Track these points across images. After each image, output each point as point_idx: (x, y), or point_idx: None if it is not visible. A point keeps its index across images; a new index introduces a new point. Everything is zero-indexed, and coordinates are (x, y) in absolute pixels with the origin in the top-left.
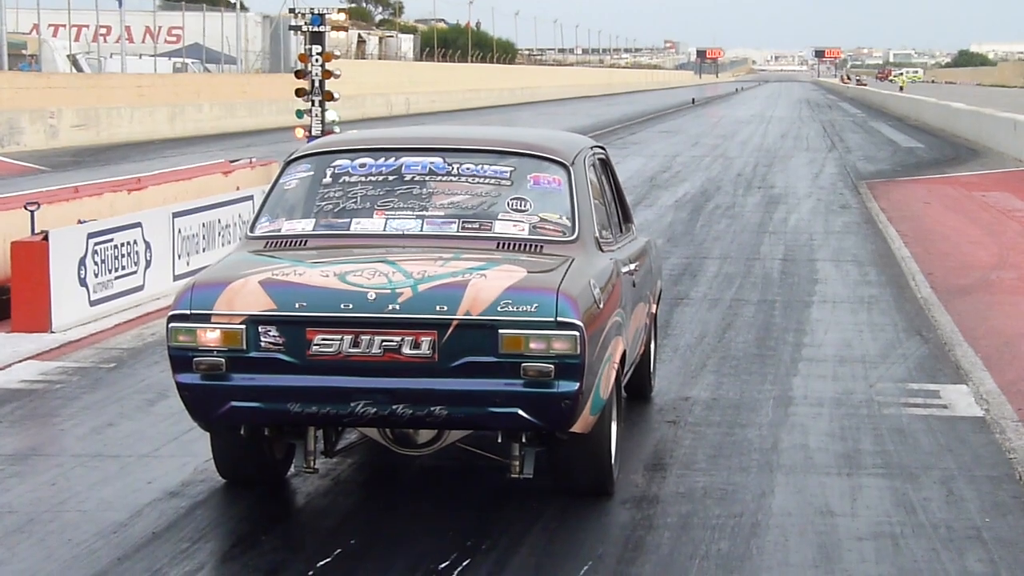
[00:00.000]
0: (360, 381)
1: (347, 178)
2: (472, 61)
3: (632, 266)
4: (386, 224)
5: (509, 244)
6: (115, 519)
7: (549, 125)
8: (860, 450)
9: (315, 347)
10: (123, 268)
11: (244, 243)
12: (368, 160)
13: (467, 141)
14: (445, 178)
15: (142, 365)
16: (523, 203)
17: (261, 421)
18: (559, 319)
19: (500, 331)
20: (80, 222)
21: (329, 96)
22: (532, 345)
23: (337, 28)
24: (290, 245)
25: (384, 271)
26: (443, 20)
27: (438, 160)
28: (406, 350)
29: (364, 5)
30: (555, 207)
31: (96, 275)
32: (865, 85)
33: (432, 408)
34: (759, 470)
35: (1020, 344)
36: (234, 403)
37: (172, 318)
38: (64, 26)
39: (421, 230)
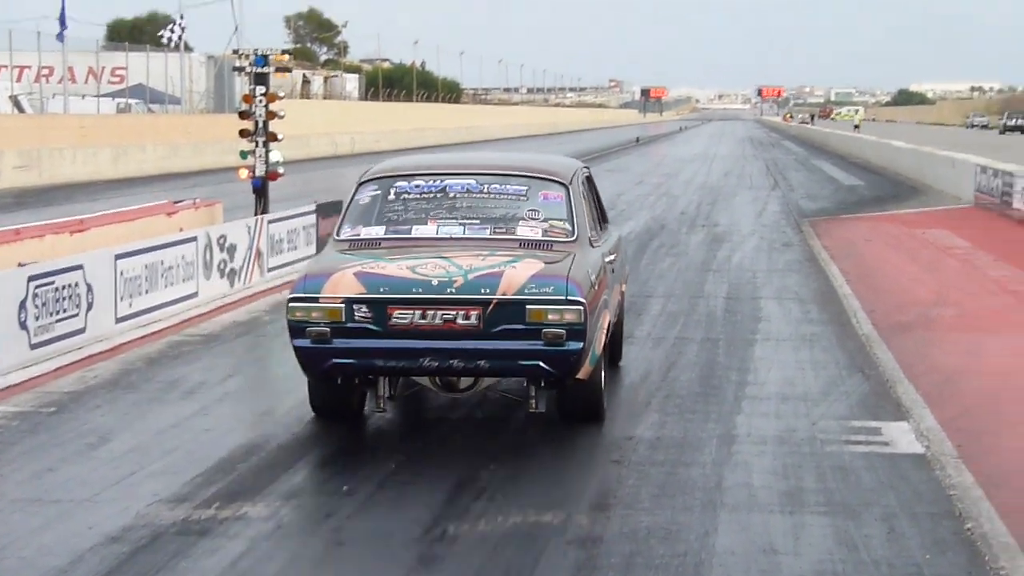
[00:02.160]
0: (426, 343)
1: (406, 195)
2: (417, 101)
3: (611, 256)
4: (437, 229)
5: (528, 244)
6: (55, 564)
7: None
8: (803, 488)
9: (394, 319)
10: (64, 311)
11: (332, 244)
12: (420, 182)
13: (493, 167)
14: (478, 195)
15: (83, 409)
16: (536, 213)
17: (354, 373)
18: (569, 298)
19: (527, 307)
20: (20, 265)
21: (273, 137)
22: (550, 316)
23: (281, 70)
24: (367, 246)
25: (442, 264)
26: (388, 60)
27: (472, 181)
28: (460, 320)
29: (309, 45)
30: (559, 216)
31: (37, 318)
32: (808, 124)
33: (479, 362)
34: (703, 509)
35: (960, 380)
36: (335, 360)
37: (291, 300)
38: (5, 67)
39: (463, 234)
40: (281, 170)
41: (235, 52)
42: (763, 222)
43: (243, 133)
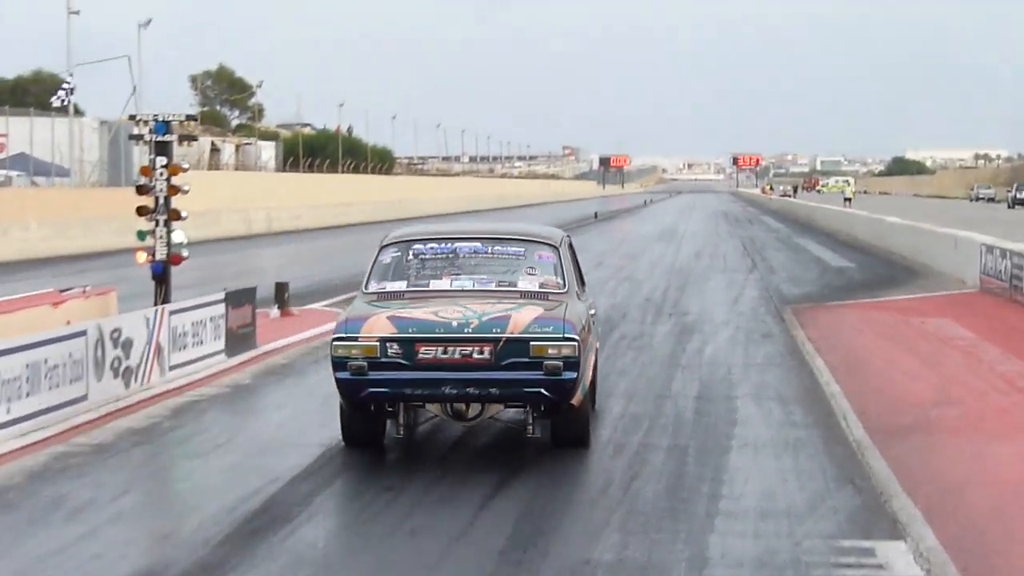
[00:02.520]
0: (448, 374)
1: (423, 256)
2: (344, 171)
3: (592, 311)
4: (451, 283)
5: (528, 294)
6: None
7: None
8: None
9: (421, 354)
10: None
11: (362, 296)
12: (434, 245)
13: (495, 232)
14: (484, 255)
15: None
16: (533, 270)
17: (387, 400)
18: (565, 335)
19: (531, 343)
20: None
21: (176, 215)
22: (550, 351)
23: (186, 138)
24: (393, 297)
25: (459, 309)
26: (309, 125)
27: (478, 244)
28: (475, 355)
29: (218, 108)
30: (552, 272)
31: None
32: (790, 196)
33: (491, 389)
34: None
35: (965, 493)
36: (371, 389)
37: (335, 339)
38: None
39: (473, 287)
40: (185, 253)
41: (132, 117)
42: (739, 310)
43: (141, 210)
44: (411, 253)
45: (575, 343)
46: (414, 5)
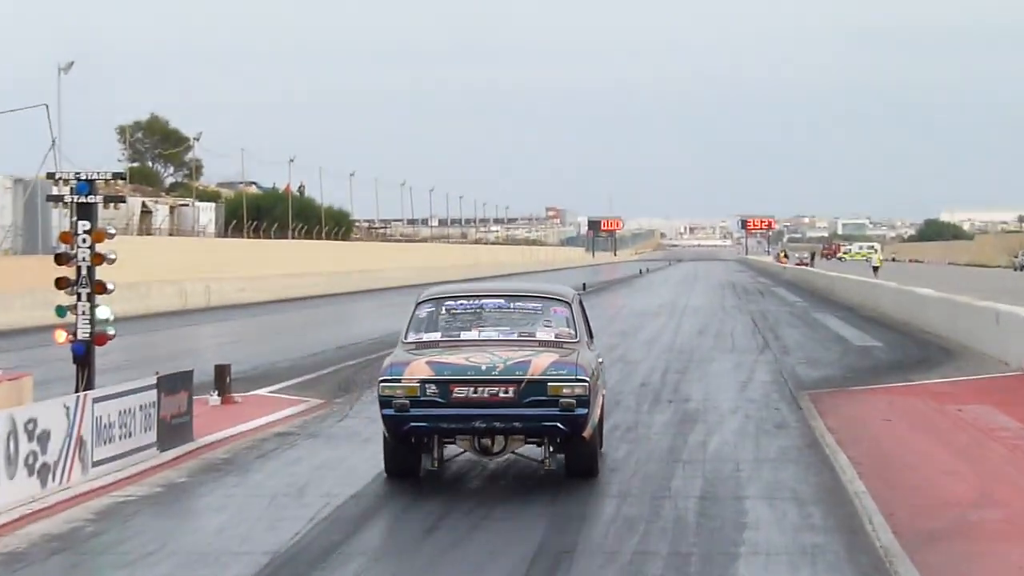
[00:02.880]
0: (477, 411)
1: (454, 311)
2: (294, 236)
3: (600, 359)
4: (479, 334)
5: (545, 343)
6: None
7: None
8: None
9: (455, 394)
10: None
11: (402, 345)
12: (464, 302)
13: (516, 291)
14: (507, 310)
15: None
16: (549, 322)
17: (425, 433)
18: (578, 377)
19: (548, 384)
20: None
21: (101, 288)
22: (564, 391)
23: (112, 200)
24: (429, 346)
25: (487, 355)
26: (255, 183)
27: (502, 301)
28: (501, 394)
29: (150, 164)
30: (565, 325)
31: None
32: (807, 265)
33: (514, 423)
34: None
35: None
36: (412, 424)
37: (381, 381)
38: None
39: (498, 336)
40: (111, 331)
41: (51, 175)
42: (749, 396)
43: (61, 283)
44: (444, 308)
45: (586, 383)
46: (374, 52)
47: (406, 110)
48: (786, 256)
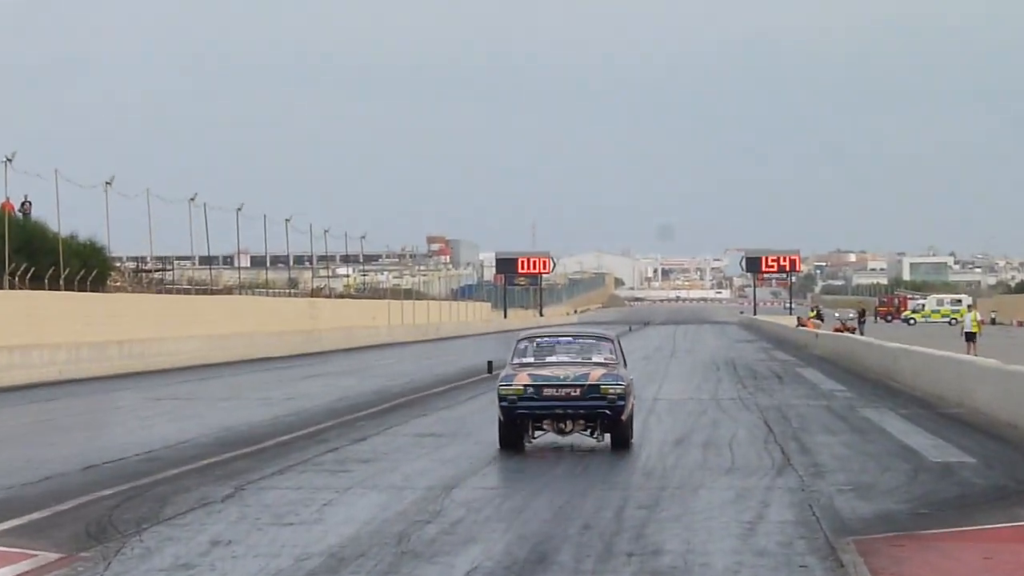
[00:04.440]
0: (558, 403)
1: (541, 343)
2: (12, 281)
3: (631, 378)
4: (557, 358)
5: (599, 364)
6: None
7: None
8: None
9: (544, 393)
10: None
11: (509, 366)
12: (547, 339)
13: (580, 332)
14: (574, 343)
15: None
16: (600, 351)
17: (527, 417)
18: (618, 383)
19: (600, 387)
20: None
21: None
22: (611, 391)
23: None
24: (527, 366)
25: (563, 370)
26: None
27: (571, 338)
28: (571, 393)
29: None
30: (611, 352)
31: None
32: (853, 331)
33: (579, 410)
34: None
35: None
36: (519, 411)
37: (501, 384)
38: None
39: (569, 360)
40: None
41: None
42: (758, 546)
43: None
44: (535, 342)
45: (623, 385)
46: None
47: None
48: (819, 316)
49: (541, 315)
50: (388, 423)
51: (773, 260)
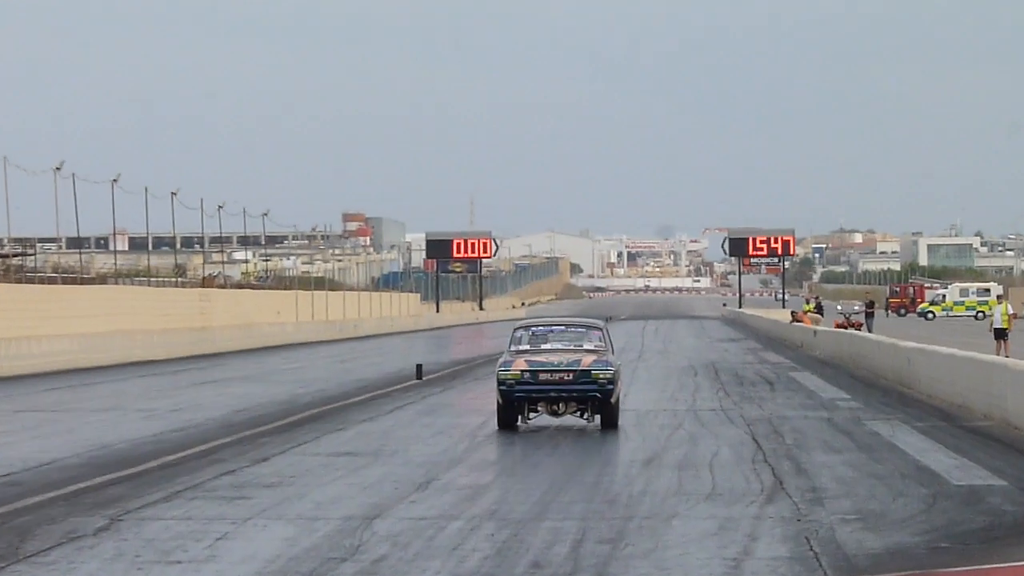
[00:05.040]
0: (552, 387)
1: (536, 332)
2: None
3: (619, 363)
4: (551, 345)
5: (589, 351)
6: None
7: None
8: None
9: (540, 377)
10: None
11: (507, 352)
12: (542, 327)
13: (571, 321)
14: (566, 331)
15: None
16: (591, 339)
17: (523, 399)
18: (608, 367)
19: (591, 372)
20: None
21: None
22: (602, 376)
23: None
24: (524, 352)
25: (557, 356)
26: None
27: (563, 326)
28: (565, 378)
29: None
30: (599, 340)
31: None
32: (859, 326)
33: (572, 393)
34: None
35: None
36: (516, 394)
37: (500, 369)
38: None
39: (563, 347)
40: None
41: None
42: None
43: None
44: (531, 331)
45: (612, 371)
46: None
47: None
48: (818, 309)
49: (481, 308)
50: (296, 440)
51: (762, 241)
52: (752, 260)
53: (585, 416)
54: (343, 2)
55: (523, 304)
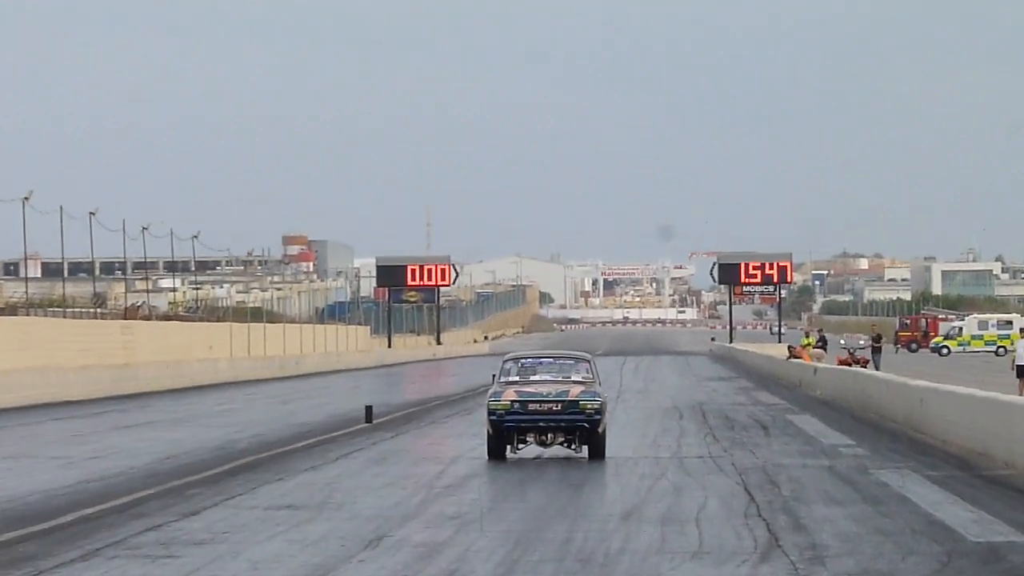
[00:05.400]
0: (541, 417)
1: (525, 364)
2: None
3: (606, 395)
4: (540, 376)
5: (577, 382)
6: None
7: None
8: None
9: (530, 408)
10: None
11: (497, 384)
12: (531, 359)
13: (559, 353)
14: (555, 363)
15: None
16: (580, 370)
17: (512, 430)
18: (595, 398)
19: (579, 402)
20: None
21: None
22: (589, 407)
23: None
24: (513, 383)
25: (548, 388)
26: None
27: (551, 359)
28: (553, 408)
29: None
30: (587, 372)
31: None
32: (865, 362)
33: (560, 423)
34: None
35: None
36: (506, 424)
37: (490, 400)
38: None
39: (551, 378)
40: None
41: None
42: None
43: None
44: (520, 363)
45: (600, 402)
46: None
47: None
48: (821, 343)
49: (439, 343)
50: (230, 491)
51: (756, 268)
52: (744, 288)
53: (573, 446)
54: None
55: (486, 338)
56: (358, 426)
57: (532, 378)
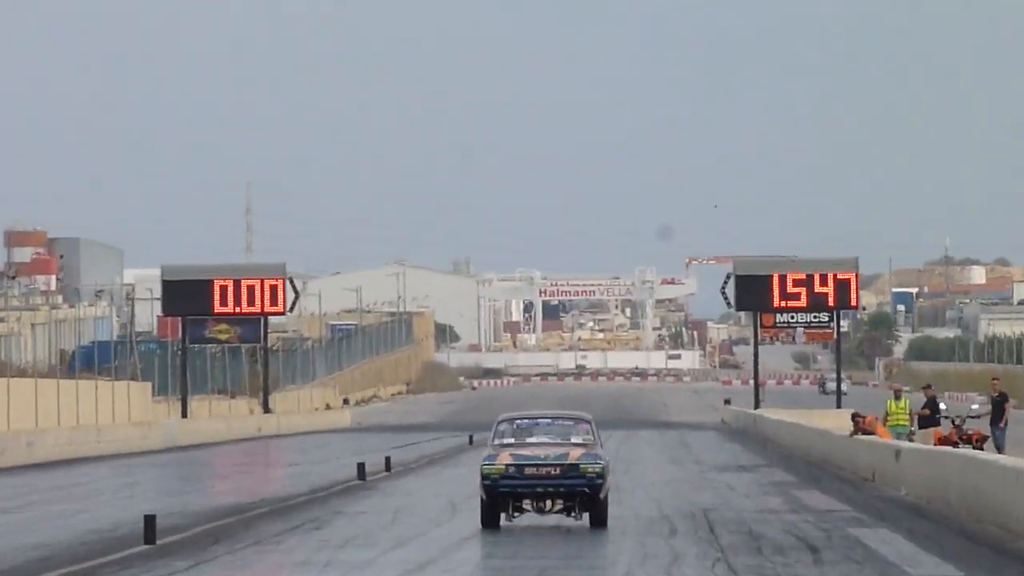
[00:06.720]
0: (539, 482)
1: (521, 425)
2: None
3: (608, 458)
4: (537, 438)
5: (577, 444)
6: None
7: None
8: None
9: (526, 472)
10: None
11: (490, 446)
12: (527, 420)
13: (558, 414)
14: (553, 425)
15: None
16: (579, 432)
17: (507, 496)
18: (598, 462)
19: (580, 466)
20: None
21: None
22: (591, 470)
23: None
24: (508, 446)
25: (543, 450)
26: None
27: (549, 420)
28: (552, 472)
29: None
30: (588, 434)
31: None
32: (981, 441)
33: (560, 488)
34: None
35: None
36: (501, 489)
37: (484, 464)
38: None
39: (549, 440)
40: None
41: None
42: None
43: None
44: (515, 423)
45: (602, 465)
46: None
47: None
48: (929, 407)
49: (267, 409)
50: None
51: (798, 283)
52: (779, 318)
53: (573, 514)
54: None
55: (346, 401)
56: (132, 549)
57: (528, 440)
